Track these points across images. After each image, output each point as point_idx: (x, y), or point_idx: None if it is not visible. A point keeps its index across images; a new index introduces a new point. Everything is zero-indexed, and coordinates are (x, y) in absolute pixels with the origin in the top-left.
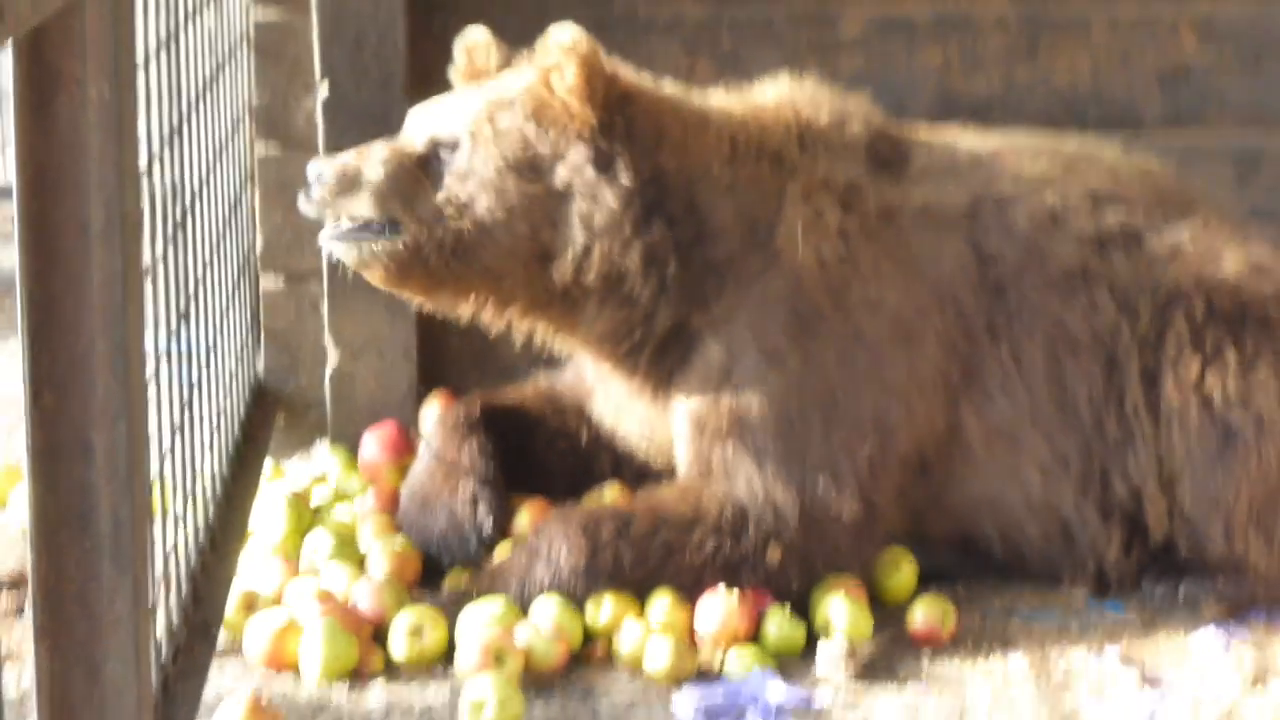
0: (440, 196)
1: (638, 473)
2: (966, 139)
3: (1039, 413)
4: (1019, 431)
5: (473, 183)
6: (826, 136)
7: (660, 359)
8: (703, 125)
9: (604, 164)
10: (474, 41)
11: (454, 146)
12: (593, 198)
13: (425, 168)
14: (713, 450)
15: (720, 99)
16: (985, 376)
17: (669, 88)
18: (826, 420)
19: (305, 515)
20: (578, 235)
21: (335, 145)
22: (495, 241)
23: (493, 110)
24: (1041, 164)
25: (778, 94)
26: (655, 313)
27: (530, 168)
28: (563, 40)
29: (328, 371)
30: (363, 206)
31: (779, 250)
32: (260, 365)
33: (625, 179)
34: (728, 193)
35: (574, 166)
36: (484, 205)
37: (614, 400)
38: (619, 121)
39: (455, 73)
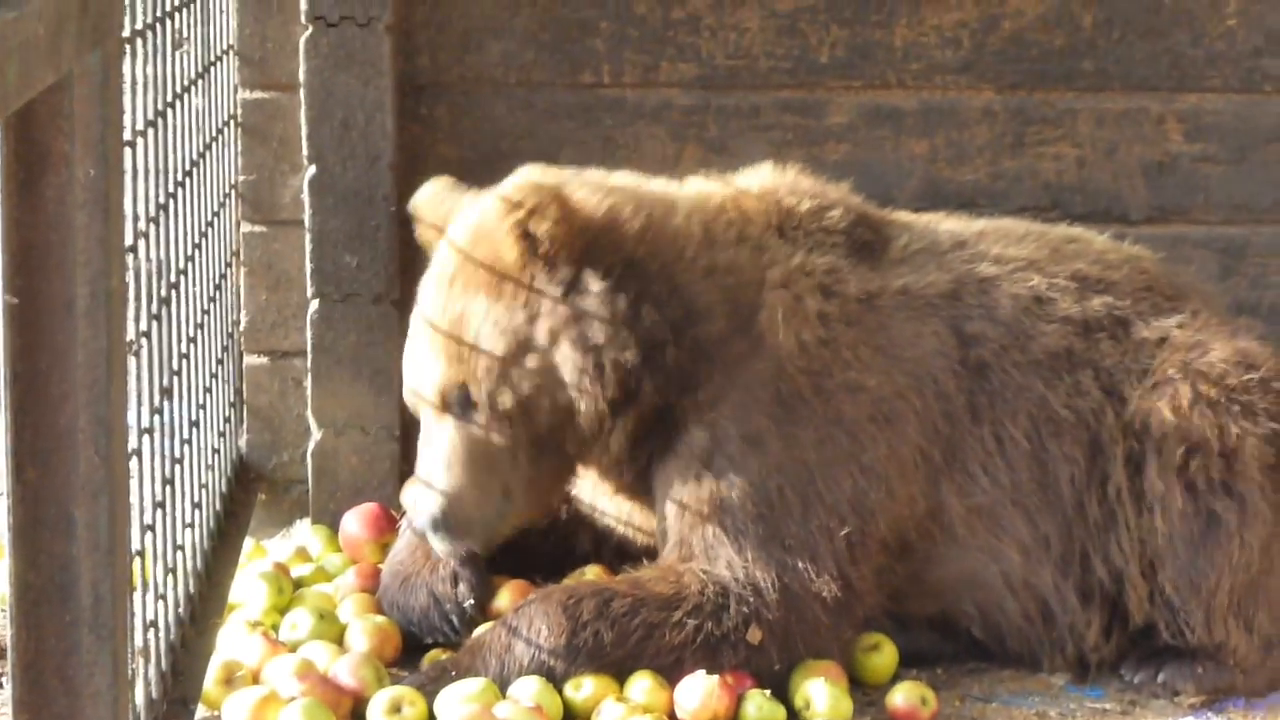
0: (496, 447)
1: (618, 550)
2: (949, 222)
3: (1020, 493)
4: (1000, 511)
5: (501, 408)
6: (806, 224)
7: (641, 442)
8: (669, 211)
9: (570, 287)
10: (423, 199)
11: (465, 398)
12: (575, 320)
13: (459, 416)
14: (694, 533)
15: (699, 186)
16: (966, 456)
17: (625, 178)
18: (805, 502)
19: (286, 589)
20: (584, 364)
21: (321, 224)
22: (544, 428)
23: (465, 331)
24: (1027, 247)
25: (760, 182)
26: (640, 395)
27: (524, 347)
28: (526, 185)
29: (310, 449)
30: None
31: (761, 334)
32: (243, 442)
33: (594, 285)
34: (707, 275)
35: (549, 312)
36: (520, 419)
37: (591, 480)
38: (585, 240)
39: (418, 227)
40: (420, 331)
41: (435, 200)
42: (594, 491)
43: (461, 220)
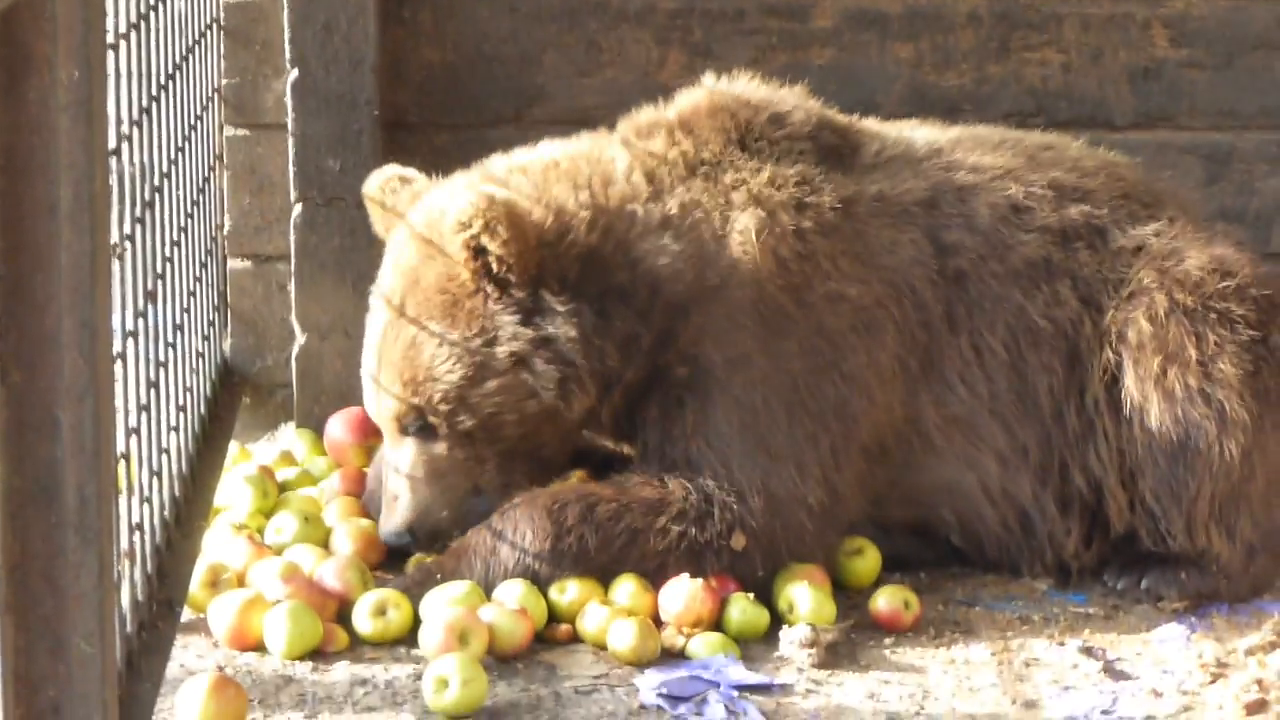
0: (459, 465)
1: (603, 461)
2: (923, 130)
3: (998, 403)
4: (977, 421)
5: (461, 431)
6: (768, 133)
7: (634, 402)
8: (608, 180)
9: (530, 310)
10: (372, 188)
11: (423, 424)
12: (543, 344)
13: (419, 439)
14: (676, 448)
15: (637, 123)
16: (944, 366)
17: (550, 150)
18: (790, 411)
19: (271, 492)
20: (563, 380)
21: (304, 128)
22: (513, 439)
23: (417, 359)
24: (1004, 155)
25: (708, 100)
26: (624, 377)
27: (482, 372)
28: (479, 203)
29: (294, 353)
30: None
31: (735, 261)
32: (227, 346)
33: (557, 305)
34: (664, 228)
35: (510, 337)
36: (483, 439)
37: None
38: (540, 255)
39: (371, 215)
40: (372, 353)
41: (386, 189)
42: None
43: (411, 230)
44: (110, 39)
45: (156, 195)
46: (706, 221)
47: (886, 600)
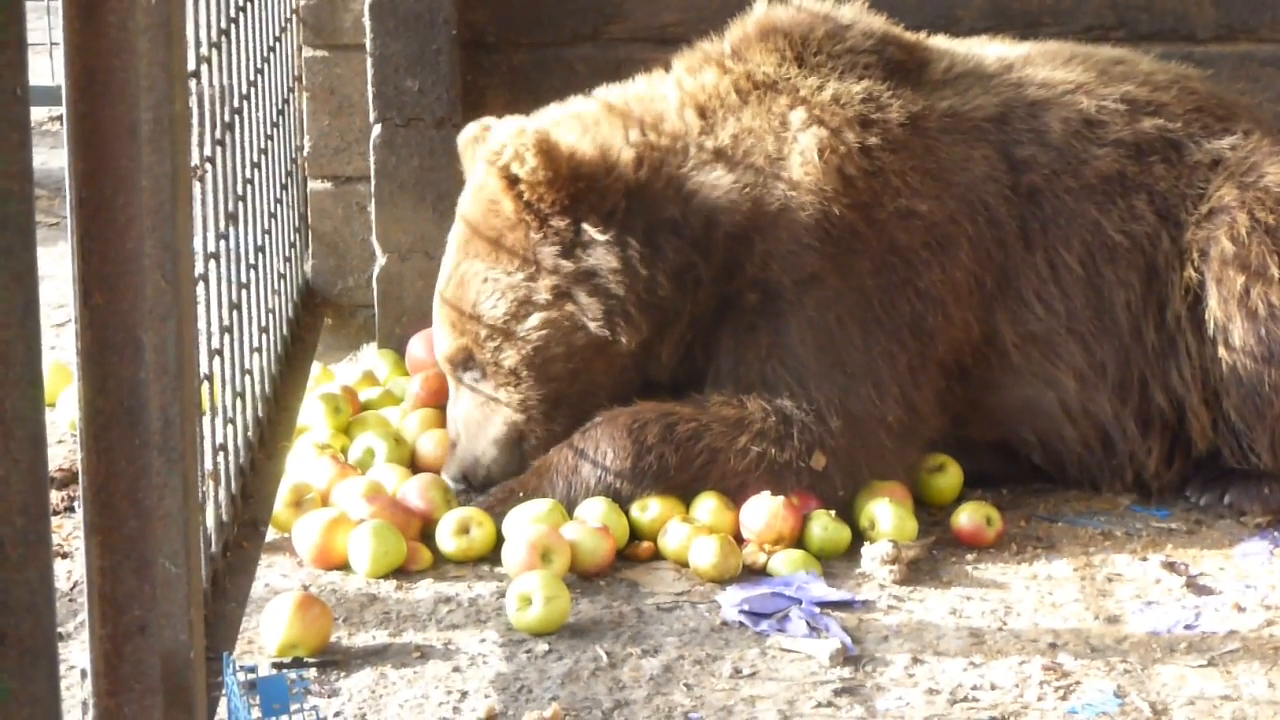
0: (506, 405)
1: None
2: (993, 46)
3: (1075, 320)
4: (1055, 339)
5: (506, 368)
6: (828, 48)
7: (708, 333)
8: (660, 118)
9: (572, 243)
10: (464, 139)
11: (469, 361)
12: (586, 278)
13: (468, 380)
14: (751, 371)
15: (689, 62)
16: (1020, 283)
17: (606, 95)
18: (865, 329)
19: (344, 409)
20: (608, 314)
21: (382, 49)
22: (561, 378)
23: (466, 295)
24: (1075, 70)
25: (758, 24)
26: (701, 304)
27: (524, 307)
28: (510, 131)
29: (375, 274)
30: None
31: (797, 182)
32: (308, 267)
33: (598, 235)
34: (717, 160)
35: (551, 269)
36: (528, 377)
37: None
38: (580, 187)
39: (465, 169)
40: (436, 296)
41: (472, 138)
42: None
43: (468, 172)
44: None
45: (236, 117)
46: (761, 147)
47: (968, 516)
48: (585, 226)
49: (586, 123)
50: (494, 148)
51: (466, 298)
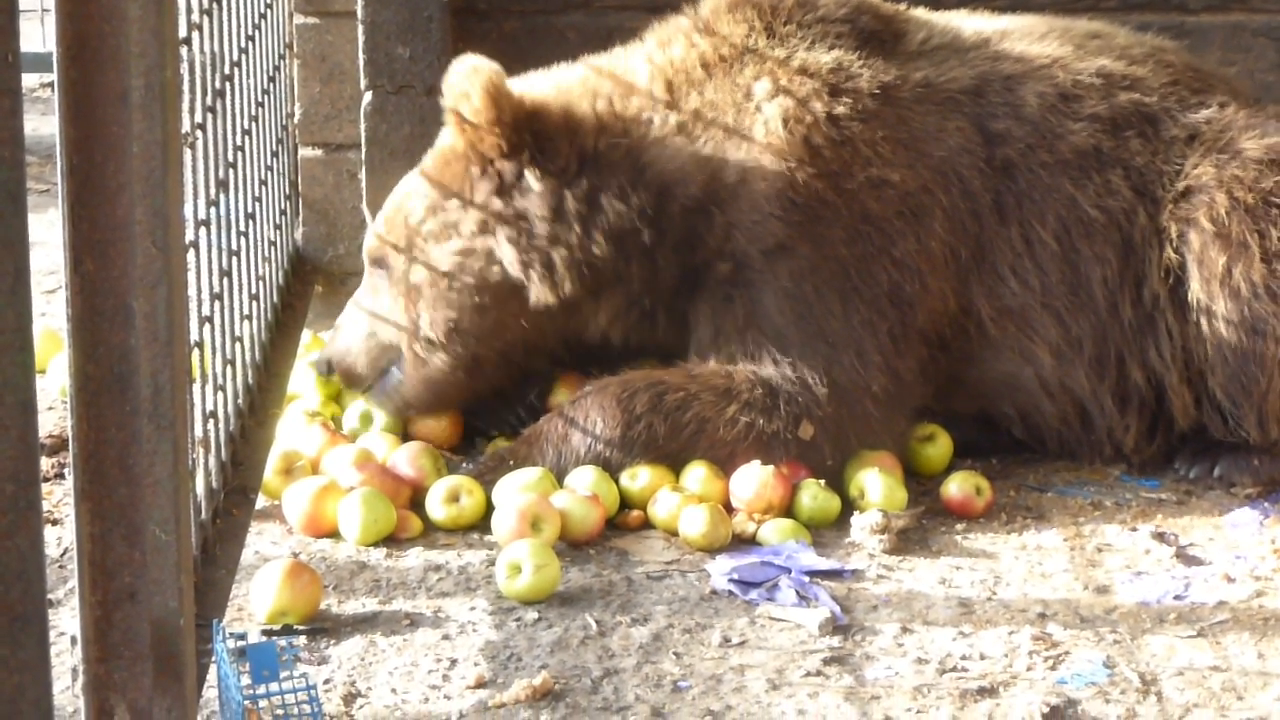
0: (396, 314)
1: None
2: (972, 20)
3: (1050, 295)
4: (1030, 313)
5: (411, 281)
6: (798, 17)
7: (674, 307)
8: (629, 89)
9: (509, 186)
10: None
11: (383, 261)
12: (514, 219)
13: (378, 277)
14: (731, 343)
15: (666, 32)
16: (995, 257)
17: (585, 68)
18: (844, 298)
19: (335, 380)
20: (526, 258)
21: (373, 16)
22: (465, 310)
23: (402, 204)
24: (1051, 44)
25: None
26: (656, 273)
27: (447, 230)
28: (463, 69)
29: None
30: (358, 383)
31: (760, 151)
32: (299, 234)
33: (535, 184)
34: (677, 133)
35: (481, 205)
36: (429, 297)
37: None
38: (526, 137)
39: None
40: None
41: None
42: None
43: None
44: None
45: (227, 84)
46: (722, 120)
47: (958, 486)
48: (526, 173)
49: (561, 86)
50: (445, 85)
51: (403, 205)
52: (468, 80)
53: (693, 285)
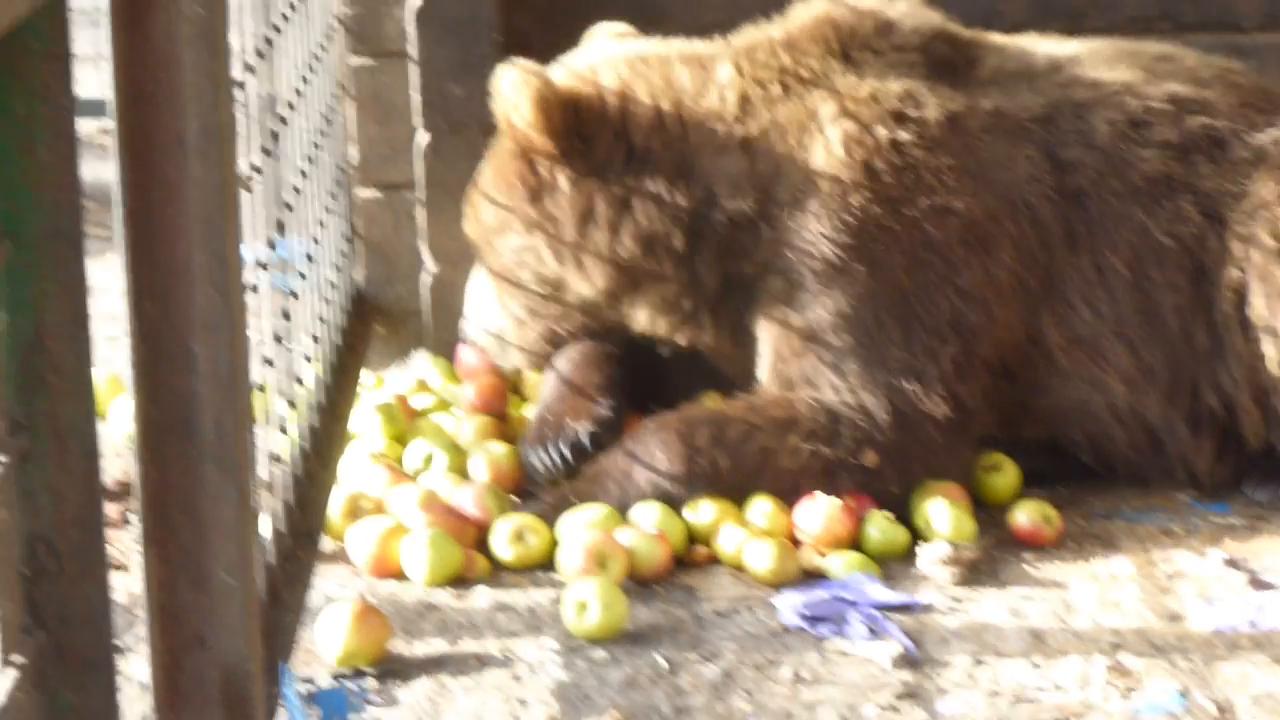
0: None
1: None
2: (1045, 45)
3: (1123, 323)
4: (1102, 342)
5: (492, 268)
6: (874, 44)
7: (722, 313)
8: (701, 91)
9: (545, 186)
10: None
11: (474, 250)
12: (548, 220)
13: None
14: (789, 367)
15: (751, 37)
16: (1066, 286)
17: (670, 50)
18: (904, 325)
19: (399, 418)
20: (560, 256)
21: (427, 56)
22: (534, 296)
23: (475, 198)
24: (1122, 69)
25: (814, 13)
26: (696, 278)
27: (505, 225)
28: (512, 79)
29: (426, 281)
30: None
31: (818, 173)
32: (358, 275)
33: (564, 185)
34: (740, 149)
35: (527, 205)
36: (508, 284)
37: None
38: (575, 142)
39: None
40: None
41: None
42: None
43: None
44: None
45: (283, 126)
46: (784, 142)
47: (1026, 515)
48: (558, 174)
49: (634, 67)
50: (498, 92)
51: (473, 195)
52: (518, 93)
53: (745, 296)
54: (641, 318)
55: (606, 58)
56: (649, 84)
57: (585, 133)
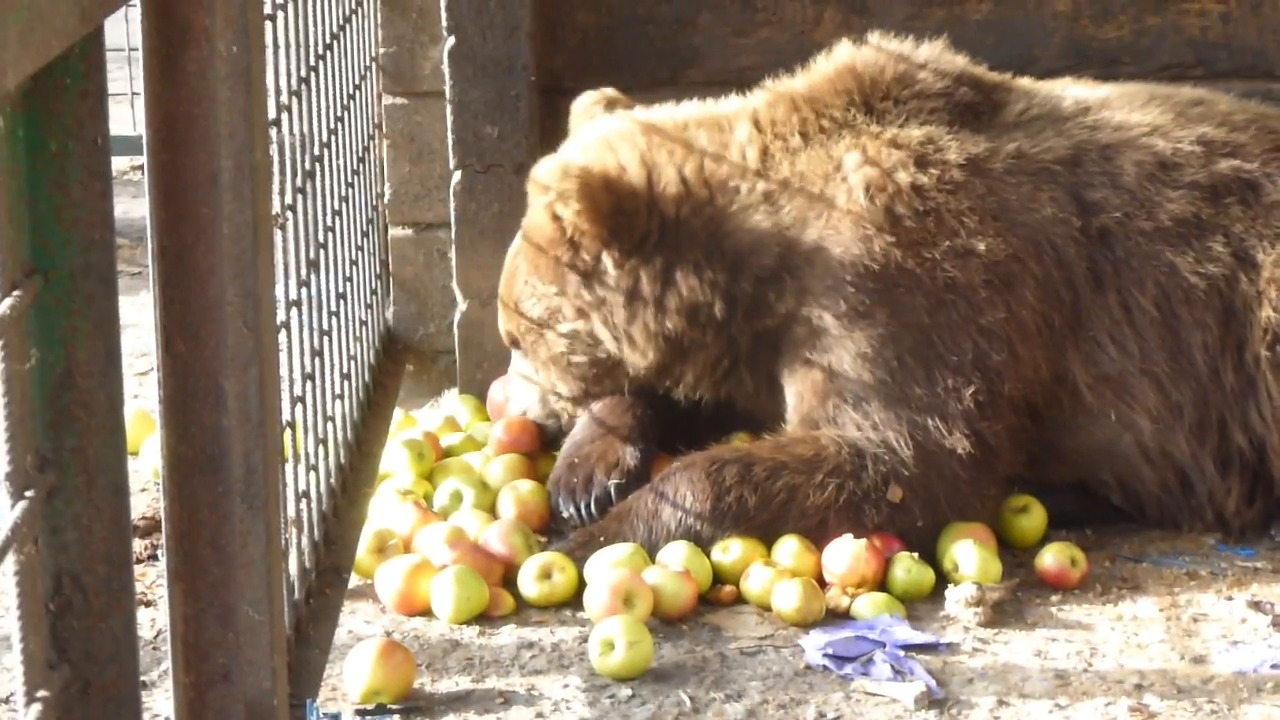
0: (541, 380)
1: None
2: (1075, 88)
3: (1150, 362)
4: (1130, 380)
5: (541, 358)
6: (895, 92)
7: (756, 366)
8: (721, 152)
9: (592, 271)
10: (585, 104)
11: (515, 343)
12: (600, 304)
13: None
14: (814, 410)
15: (773, 90)
16: (1093, 325)
17: (686, 115)
18: (926, 364)
19: (427, 455)
20: (615, 335)
21: (461, 95)
22: (587, 379)
23: (512, 289)
24: (1151, 112)
25: (835, 65)
26: (732, 340)
27: (554, 316)
28: (557, 170)
29: (456, 320)
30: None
31: (840, 219)
32: (389, 313)
33: (611, 268)
34: (762, 203)
35: (575, 294)
36: (556, 371)
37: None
38: (615, 223)
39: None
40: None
41: (587, 109)
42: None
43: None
44: (267, 9)
45: (317, 165)
46: (807, 192)
47: (1053, 557)
48: (604, 257)
49: (651, 143)
50: (541, 180)
51: (512, 292)
52: (564, 185)
53: (772, 348)
54: (690, 381)
55: (618, 132)
56: (670, 153)
57: (622, 211)
